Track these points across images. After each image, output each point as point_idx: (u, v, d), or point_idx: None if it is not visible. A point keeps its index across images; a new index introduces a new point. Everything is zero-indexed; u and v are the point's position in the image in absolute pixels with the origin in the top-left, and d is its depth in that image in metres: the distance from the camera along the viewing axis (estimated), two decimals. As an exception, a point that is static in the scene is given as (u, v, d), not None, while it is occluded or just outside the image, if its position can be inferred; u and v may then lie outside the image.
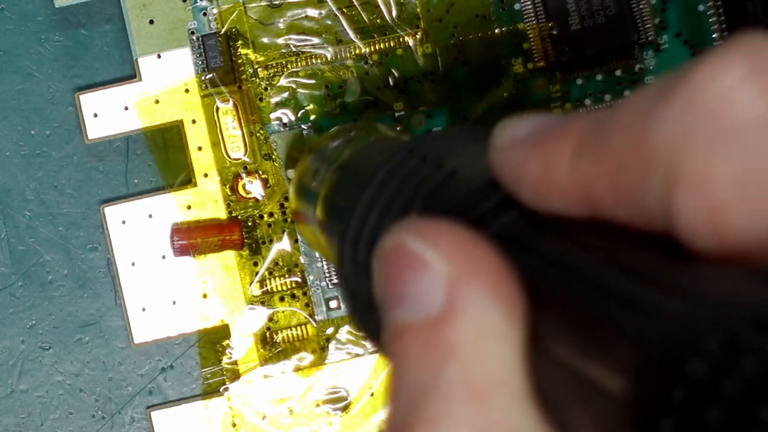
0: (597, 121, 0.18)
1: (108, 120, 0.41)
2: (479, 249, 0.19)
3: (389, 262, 0.19)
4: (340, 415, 0.41)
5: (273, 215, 0.41)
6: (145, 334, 0.41)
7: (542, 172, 0.19)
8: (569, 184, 0.18)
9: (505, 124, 0.20)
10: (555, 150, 0.18)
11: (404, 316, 0.19)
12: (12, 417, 0.41)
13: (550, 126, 0.19)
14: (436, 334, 0.18)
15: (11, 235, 0.41)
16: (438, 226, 0.19)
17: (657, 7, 0.41)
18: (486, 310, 0.18)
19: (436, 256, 0.18)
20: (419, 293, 0.19)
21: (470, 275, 0.18)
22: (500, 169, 0.20)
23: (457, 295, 0.18)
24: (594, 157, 0.18)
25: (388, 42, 0.41)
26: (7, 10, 0.42)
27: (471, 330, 0.18)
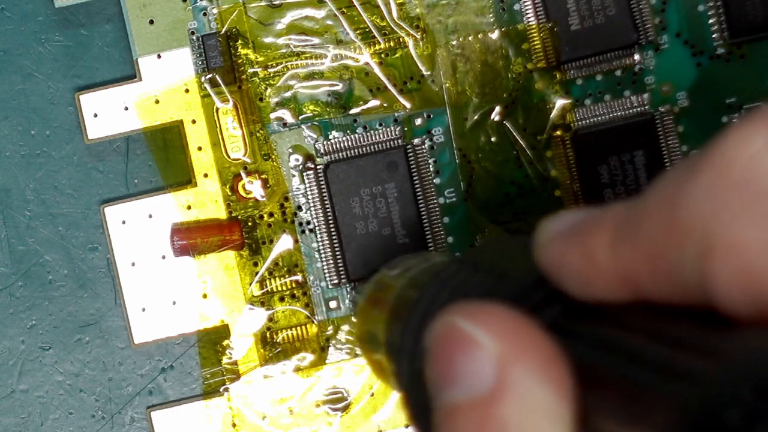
0: (630, 205, 0.19)
1: (108, 120, 0.41)
2: (528, 329, 0.19)
3: (440, 343, 0.20)
4: (340, 415, 0.41)
5: (273, 215, 0.41)
6: (145, 334, 0.41)
7: (583, 262, 0.19)
8: (609, 270, 0.19)
9: (546, 221, 0.21)
10: (593, 240, 0.19)
11: (455, 396, 0.19)
12: (12, 417, 0.41)
13: (587, 218, 0.20)
14: (487, 412, 0.18)
15: (11, 235, 0.41)
16: (487, 307, 0.19)
17: (657, 7, 0.41)
18: (536, 388, 0.18)
19: (485, 336, 0.19)
20: (470, 372, 0.19)
21: (519, 354, 0.19)
22: (544, 263, 0.20)
23: (507, 374, 0.19)
24: (630, 241, 0.18)
25: (388, 42, 0.41)
26: (7, 10, 0.42)
27: (521, 408, 0.18)
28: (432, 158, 0.41)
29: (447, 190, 0.41)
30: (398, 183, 0.40)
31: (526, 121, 0.41)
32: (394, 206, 0.40)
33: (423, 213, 0.40)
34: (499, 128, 0.41)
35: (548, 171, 0.41)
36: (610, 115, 0.41)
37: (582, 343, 0.19)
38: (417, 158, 0.41)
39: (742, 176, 0.16)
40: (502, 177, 0.41)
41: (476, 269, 0.24)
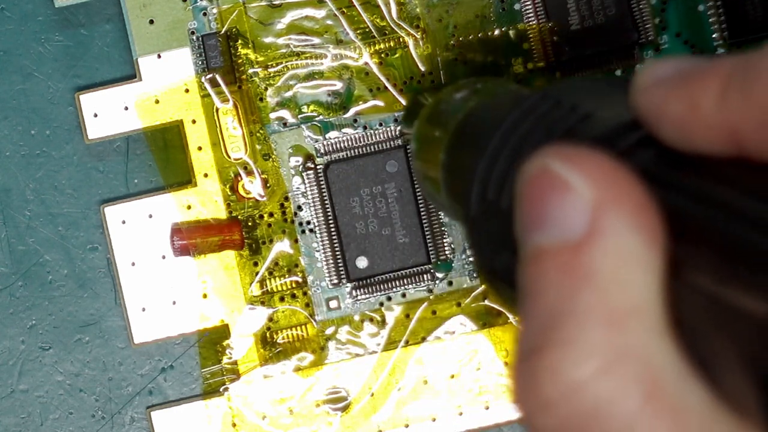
0: (745, 60, 0.18)
1: (108, 120, 0.41)
2: (623, 177, 0.19)
3: (532, 185, 0.19)
4: (340, 415, 0.41)
5: (273, 215, 0.41)
6: (145, 334, 0.41)
7: (687, 110, 0.19)
8: (714, 122, 0.18)
9: (649, 64, 0.20)
10: (701, 89, 0.19)
11: (545, 239, 0.19)
12: (12, 417, 0.41)
13: (695, 66, 0.19)
14: (576, 257, 0.18)
15: (11, 235, 0.41)
16: (583, 152, 0.19)
17: (657, 7, 0.41)
18: (628, 236, 0.18)
19: (580, 181, 0.19)
20: (561, 216, 0.19)
21: (614, 201, 0.18)
22: (643, 107, 0.20)
23: (600, 221, 0.18)
24: (742, 94, 0.18)
25: (388, 42, 0.41)
26: (7, 10, 0.42)
27: (612, 255, 0.18)
28: (432, 158, 0.41)
29: (447, 190, 0.41)
30: (398, 183, 0.40)
31: (526, 121, 0.41)
32: (394, 206, 0.40)
33: (423, 213, 0.40)
34: (499, 128, 0.41)
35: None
36: (610, 115, 0.41)
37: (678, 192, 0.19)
38: (417, 158, 0.41)
39: None
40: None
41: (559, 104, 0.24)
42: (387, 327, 0.41)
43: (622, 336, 0.18)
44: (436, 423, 0.41)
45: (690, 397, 0.18)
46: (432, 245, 0.40)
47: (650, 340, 0.18)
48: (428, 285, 0.41)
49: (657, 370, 0.18)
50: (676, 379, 0.18)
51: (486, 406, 0.41)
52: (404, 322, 0.41)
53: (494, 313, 0.41)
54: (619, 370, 0.17)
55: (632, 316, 0.18)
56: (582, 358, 0.18)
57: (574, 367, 0.18)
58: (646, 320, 0.18)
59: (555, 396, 0.18)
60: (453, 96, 0.32)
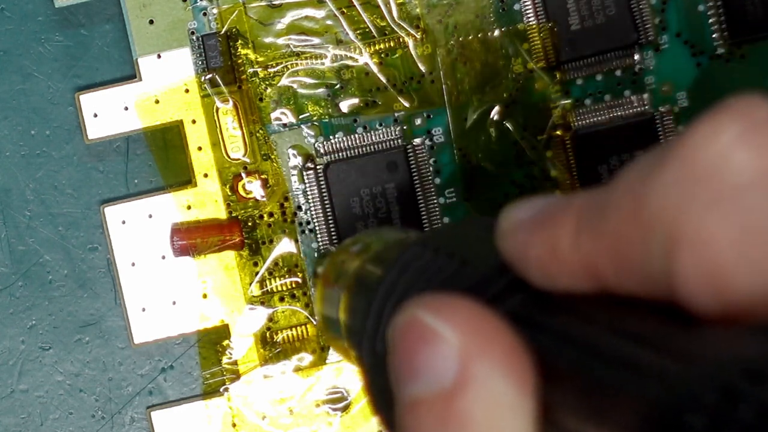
0: (595, 196, 0.18)
1: (108, 120, 0.41)
2: (490, 323, 0.19)
3: (402, 336, 0.20)
4: (340, 415, 0.41)
5: (273, 215, 0.41)
6: (145, 334, 0.41)
7: (546, 252, 0.19)
8: (573, 261, 0.18)
9: (509, 209, 0.20)
10: (557, 230, 0.19)
11: (417, 390, 0.19)
12: (12, 417, 0.41)
13: (551, 207, 0.19)
14: (449, 407, 0.18)
15: (11, 235, 0.41)
16: (450, 300, 0.19)
17: (657, 7, 0.41)
18: (498, 382, 0.18)
19: (448, 329, 0.19)
20: (432, 366, 0.19)
21: (482, 348, 0.18)
22: (507, 253, 0.20)
23: (470, 368, 0.18)
24: (594, 232, 0.18)
25: (388, 42, 0.41)
26: (7, 10, 0.42)
27: (484, 402, 0.18)
28: (432, 158, 0.41)
29: (447, 190, 0.41)
30: (398, 183, 0.40)
31: (526, 121, 0.41)
32: (394, 206, 0.40)
33: (423, 213, 0.40)
34: (499, 128, 0.41)
35: (548, 171, 0.41)
36: (610, 115, 0.41)
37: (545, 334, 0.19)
38: (417, 158, 0.41)
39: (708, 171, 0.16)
40: (502, 177, 0.41)
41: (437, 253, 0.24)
42: (387, 327, 0.41)
43: None
44: (436, 423, 0.41)
45: None
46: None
47: None
48: (428, 285, 0.41)
49: None
50: None
51: (486, 406, 0.41)
52: (404, 322, 0.41)
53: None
54: None
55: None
56: None
57: None
58: None
59: None
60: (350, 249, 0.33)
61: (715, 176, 0.16)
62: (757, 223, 0.16)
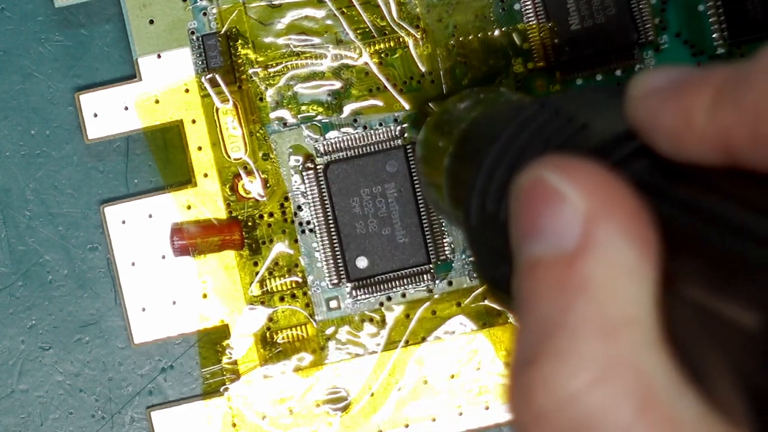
0: (737, 69, 0.18)
1: (108, 120, 0.41)
2: (617, 188, 0.19)
3: (526, 196, 0.19)
4: (340, 415, 0.41)
5: (273, 215, 0.41)
6: (145, 334, 0.41)
7: (680, 120, 0.19)
8: (707, 131, 0.18)
9: (642, 75, 0.20)
10: (693, 98, 0.19)
11: (538, 250, 0.19)
12: (12, 417, 0.41)
13: (687, 76, 0.19)
14: (569, 269, 0.18)
15: (11, 235, 0.41)
16: (577, 163, 0.19)
17: (657, 7, 0.41)
18: (621, 248, 0.18)
19: (574, 192, 0.19)
20: (555, 227, 0.19)
21: (607, 213, 0.18)
22: (637, 118, 0.20)
23: (593, 232, 0.18)
24: (734, 104, 0.18)
25: (388, 42, 0.41)
26: (7, 10, 0.42)
27: (605, 267, 0.18)
28: (432, 158, 0.41)
29: (447, 190, 0.41)
30: (398, 183, 0.40)
31: (526, 121, 0.41)
32: (394, 206, 0.40)
33: (423, 213, 0.40)
34: (499, 128, 0.41)
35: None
36: (610, 115, 0.41)
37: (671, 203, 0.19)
38: (417, 158, 0.41)
39: None
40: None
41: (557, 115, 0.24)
42: (387, 327, 0.41)
43: (615, 348, 0.18)
44: (436, 423, 0.41)
45: (682, 409, 0.18)
46: (432, 245, 0.40)
47: (643, 351, 0.18)
48: (428, 285, 0.41)
49: (650, 382, 0.18)
50: (669, 391, 0.18)
51: (486, 406, 0.41)
52: (404, 322, 0.41)
53: (494, 313, 0.41)
54: (613, 382, 0.17)
55: (625, 327, 0.18)
56: (575, 370, 0.18)
57: (567, 378, 0.18)
58: (639, 332, 0.18)
59: (549, 407, 0.18)
60: (457, 106, 0.33)
61: None
62: None
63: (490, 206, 0.24)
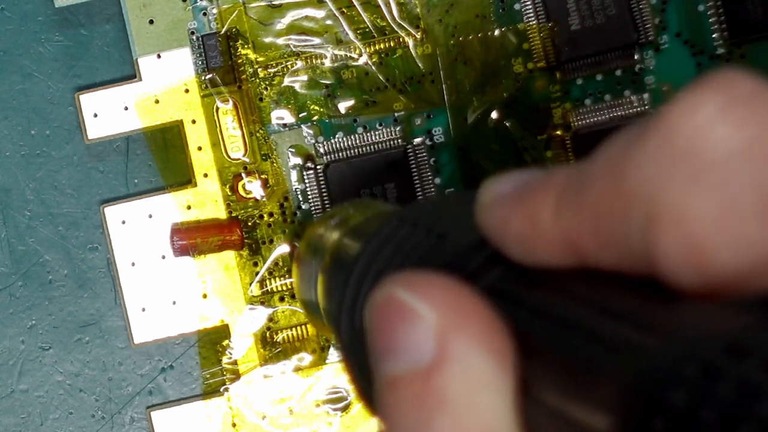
0: (576, 170, 0.18)
1: (108, 120, 0.41)
2: (468, 299, 0.19)
3: (380, 314, 0.19)
4: (340, 415, 0.41)
5: (273, 215, 0.41)
6: (145, 334, 0.41)
7: (526, 226, 0.19)
8: (553, 235, 0.18)
9: (489, 182, 0.20)
10: (537, 203, 0.19)
11: (395, 368, 0.19)
12: (12, 417, 0.41)
13: (531, 181, 0.19)
14: (427, 384, 0.18)
15: (11, 235, 0.41)
16: (427, 277, 0.19)
17: (657, 7, 0.41)
18: (476, 359, 0.18)
19: (425, 307, 0.19)
20: (409, 344, 0.19)
21: (459, 325, 0.18)
22: (486, 227, 0.20)
23: (447, 345, 0.18)
24: (575, 205, 0.18)
25: (388, 42, 0.41)
26: (7, 10, 0.42)
27: (462, 380, 0.18)
28: (432, 158, 0.41)
29: (447, 190, 0.41)
30: (398, 183, 0.40)
31: (526, 121, 0.41)
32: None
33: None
34: (499, 128, 0.41)
35: (548, 171, 0.41)
36: (610, 115, 0.41)
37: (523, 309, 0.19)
38: (417, 158, 0.41)
39: (687, 146, 0.16)
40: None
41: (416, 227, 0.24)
42: (387, 327, 0.41)
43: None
44: (436, 423, 0.41)
45: None
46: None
47: None
48: (428, 285, 0.41)
49: None
50: None
51: (486, 406, 0.41)
52: (404, 322, 0.41)
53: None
54: None
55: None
56: None
57: None
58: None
59: None
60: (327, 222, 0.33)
61: (694, 151, 0.16)
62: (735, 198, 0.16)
63: (358, 323, 0.24)
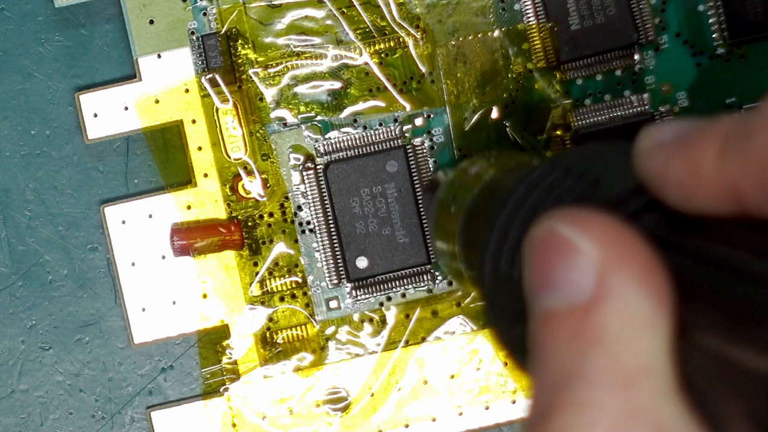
0: (742, 119, 0.18)
1: (108, 120, 0.41)
2: (629, 239, 0.19)
3: (540, 248, 0.19)
4: (340, 415, 0.41)
5: (273, 215, 0.41)
6: (145, 334, 0.41)
7: (688, 173, 0.19)
8: (715, 182, 0.18)
9: (649, 128, 0.20)
10: (700, 150, 0.19)
11: (553, 302, 0.19)
12: (12, 417, 0.41)
13: (693, 128, 0.19)
14: (584, 320, 0.18)
15: (11, 235, 0.41)
16: (590, 215, 0.19)
17: (657, 7, 0.41)
18: (636, 298, 0.18)
19: (587, 243, 0.19)
20: (569, 279, 0.19)
21: (621, 263, 0.18)
22: (646, 172, 0.20)
23: (607, 282, 0.18)
24: (740, 153, 0.18)
25: (388, 42, 0.41)
26: (7, 10, 0.42)
27: (620, 317, 0.18)
28: (432, 158, 0.41)
29: (447, 190, 0.41)
30: (398, 183, 0.40)
31: (526, 121, 0.41)
32: (394, 206, 0.40)
33: (423, 213, 0.40)
34: (499, 128, 0.41)
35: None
36: (610, 115, 0.41)
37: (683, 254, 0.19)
38: (417, 158, 0.41)
39: None
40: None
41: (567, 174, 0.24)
42: (387, 327, 0.41)
43: (631, 398, 0.18)
44: (436, 423, 0.41)
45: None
46: (432, 246, 0.40)
47: (660, 401, 0.18)
48: (428, 285, 0.41)
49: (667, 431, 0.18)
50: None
51: (486, 406, 0.41)
52: (404, 322, 0.41)
53: (494, 313, 0.41)
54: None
55: (642, 377, 0.18)
56: (593, 421, 0.18)
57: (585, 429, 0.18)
58: (656, 382, 0.18)
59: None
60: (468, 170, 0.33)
61: None
62: None
63: (504, 267, 0.24)
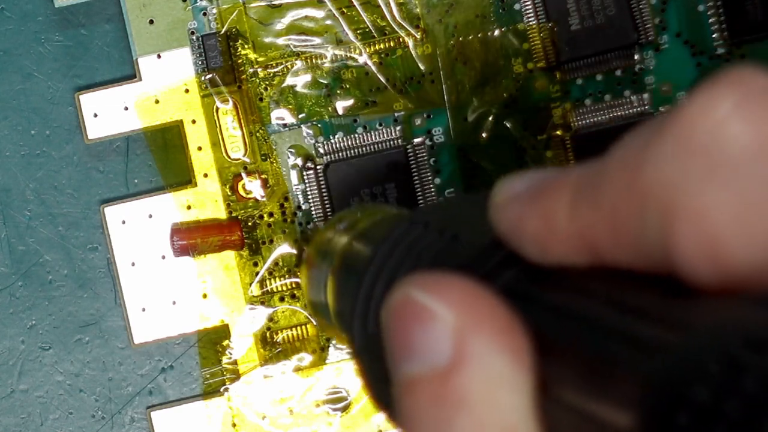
0: (591, 168, 0.18)
1: (108, 120, 0.41)
2: (484, 299, 0.19)
3: (397, 316, 0.19)
4: (340, 415, 0.41)
5: (273, 215, 0.41)
6: (145, 334, 0.41)
7: (542, 225, 0.19)
8: (569, 233, 0.18)
9: (503, 182, 0.20)
10: (552, 201, 0.19)
11: (413, 369, 0.19)
12: (12, 417, 0.41)
13: (546, 179, 0.19)
14: (446, 385, 0.18)
15: (11, 235, 0.41)
16: (443, 278, 0.19)
17: (657, 7, 0.41)
18: (494, 358, 0.18)
19: (442, 308, 0.19)
20: (428, 345, 0.19)
21: (476, 325, 0.18)
22: (501, 226, 0.20)
23: (465, 345, 0.18)
24: (591, 203, 0.18)
25: (388, 42, 0.41)
26: (7, 10, 0.42)
27: (480, 379, 0.18)
28: (432, 158, 0.41)
29: (447, 190, 0.41)
30: (398, 183, 0.40)
31: (526, 121, 0.41)
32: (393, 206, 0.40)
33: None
34: (499, 128, 0.41)
35: (548, 171, 0.41)
36: (610, 115, 0.41)
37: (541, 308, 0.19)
38: (417, 158, 0.41)
39: (705, 143, 0.16)
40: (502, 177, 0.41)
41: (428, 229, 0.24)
42: (387, 327, 0.41)
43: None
44: (436, 423, 0.41)
45: None
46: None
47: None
48: (428, 285, 0.41)
49: None
50: None
51: (486, 406, 0.41)
52: (404, 322, 0.41)
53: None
54: None
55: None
56: None
57: None
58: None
59: None
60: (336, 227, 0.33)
61: (711, 147, 0.16)
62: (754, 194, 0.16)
63: (371, 328, 0.24)
